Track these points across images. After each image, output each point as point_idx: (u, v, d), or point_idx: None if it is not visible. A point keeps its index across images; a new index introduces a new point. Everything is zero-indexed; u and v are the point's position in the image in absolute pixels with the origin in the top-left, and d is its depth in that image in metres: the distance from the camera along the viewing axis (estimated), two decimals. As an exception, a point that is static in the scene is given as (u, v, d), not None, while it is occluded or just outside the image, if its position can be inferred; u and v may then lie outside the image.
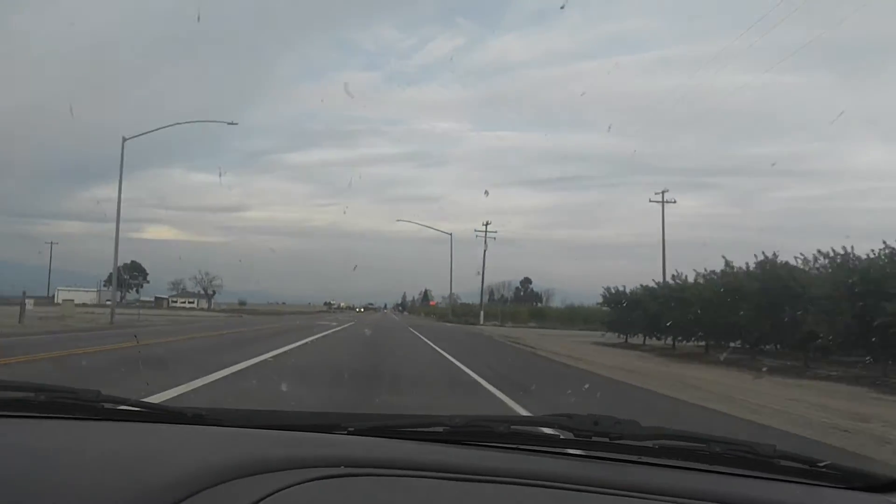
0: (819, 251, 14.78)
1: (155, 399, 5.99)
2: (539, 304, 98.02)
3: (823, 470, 1.27)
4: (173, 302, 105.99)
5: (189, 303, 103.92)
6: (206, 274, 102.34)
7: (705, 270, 20.11)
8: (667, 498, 1.12)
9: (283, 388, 7.80)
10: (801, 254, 15.73)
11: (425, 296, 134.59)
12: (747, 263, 17.51)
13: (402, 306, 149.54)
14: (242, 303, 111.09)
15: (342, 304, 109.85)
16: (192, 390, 7.15)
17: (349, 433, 1.36)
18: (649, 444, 1.29)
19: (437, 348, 17.94)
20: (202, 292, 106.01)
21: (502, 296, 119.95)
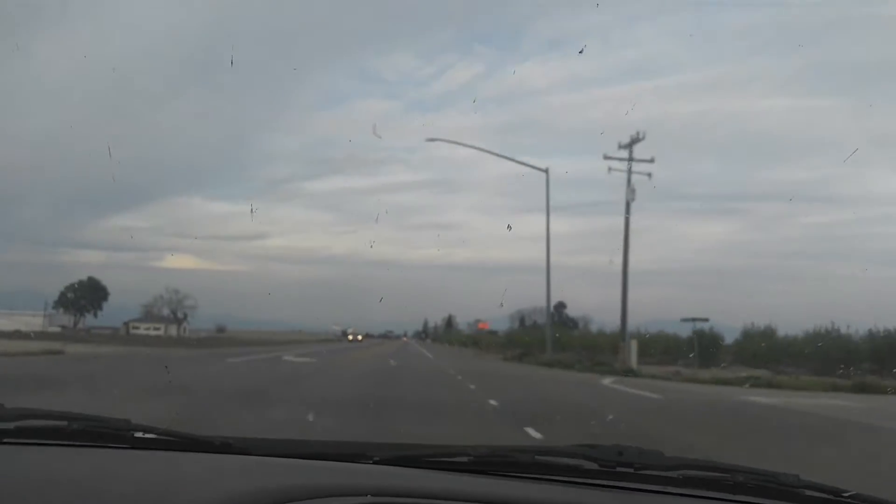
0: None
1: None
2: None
3: (847, 500, 1.32)
4: (135, 328, 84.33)
5: (155, 329, 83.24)
6: (176, 293, 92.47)
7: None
8: None
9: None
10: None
11: (449, 322, 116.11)
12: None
13: (425, 333, 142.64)
14: (221, 329, 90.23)
15: (349, 333, 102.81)
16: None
17: (374, 462, 1.45)
18: (673, 474, 1.37)
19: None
20: (172, 316, 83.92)
21: (535, 322, 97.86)
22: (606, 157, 31.76)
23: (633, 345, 30.64)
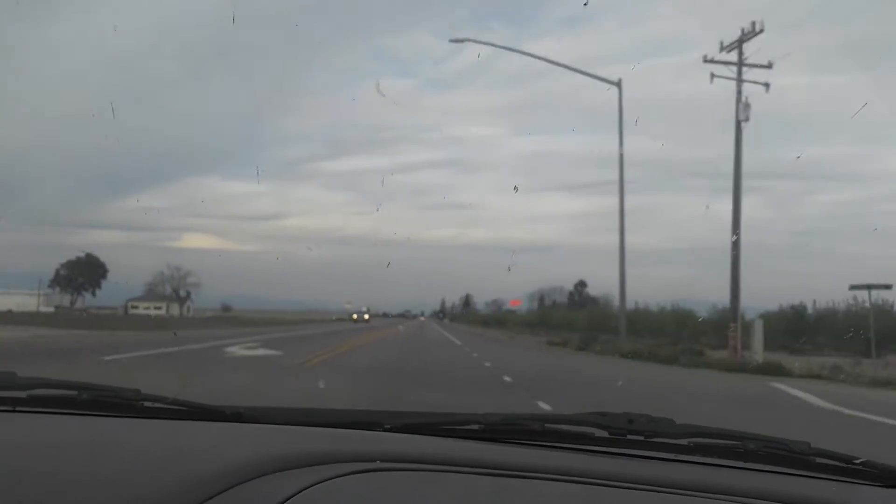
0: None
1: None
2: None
3: (859, 467, 1.33)
4: (133, 308, 79.75)
5: (156, 308, 78.49)
6: (178, 270, 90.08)
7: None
8: (701, 494, 1.20)
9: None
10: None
11: (467, 301, 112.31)
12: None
13: (443, 313, 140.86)
14: (226, 308, 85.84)
15: (357, 313, 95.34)
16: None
17: (385, 430, 1.48)
18: (684, 441, 1.38)
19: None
20: (174, 295, 79.10)
21: (554, 301, 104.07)
22: (707, 61, 22.48)
23: (759, 328, 21.51)
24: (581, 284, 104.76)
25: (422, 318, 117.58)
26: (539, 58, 29.33)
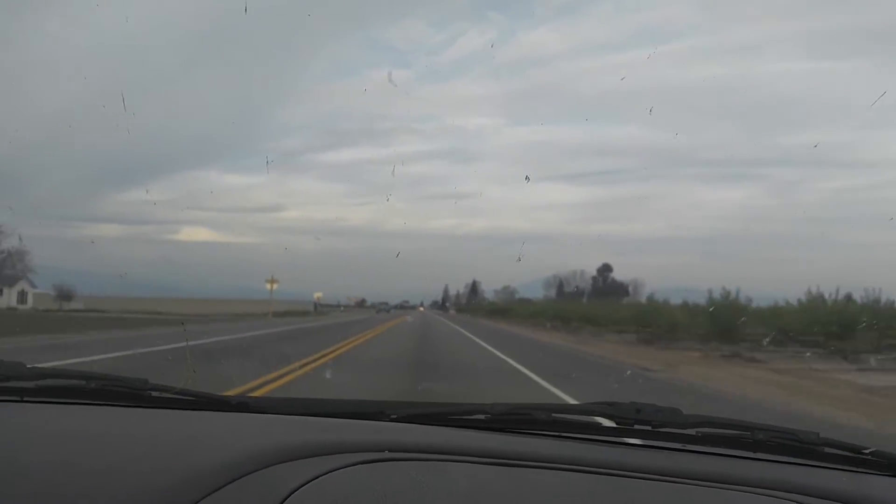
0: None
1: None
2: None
3: (868, 457, 1.33)
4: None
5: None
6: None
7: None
8: (710, 484, 1.20)
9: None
10: None
11: (473, 288, 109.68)
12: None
13: (445, 302, 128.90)
14: (65, 295, 71.13)
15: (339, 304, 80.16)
16: None
17: (392, 420, 1.49)
18: (692, 431, 1.38)
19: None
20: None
21: (576, 287, 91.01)
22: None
23: None
24: (606, 269, 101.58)
25: (421, 309, 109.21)
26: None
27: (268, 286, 51.69)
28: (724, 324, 24.81)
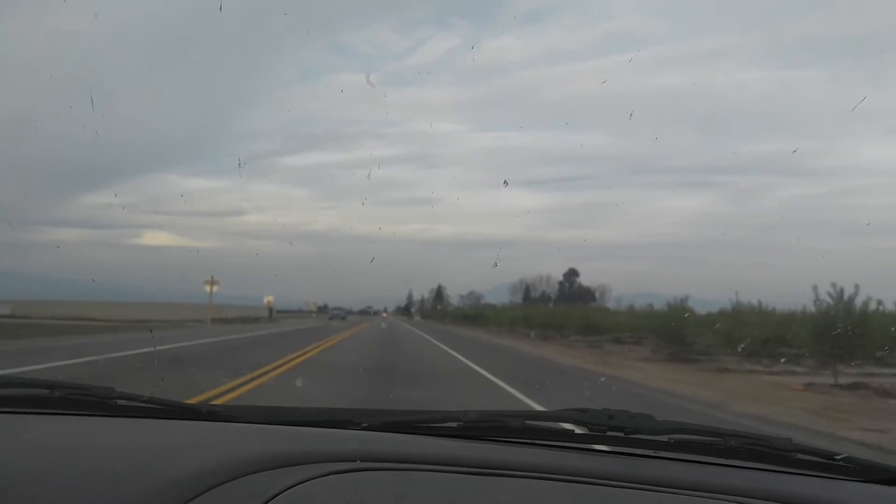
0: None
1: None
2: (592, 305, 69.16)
3: (840, 463, 1.34)
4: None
5: None
6: None
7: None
8: (683, 492, 1.20)
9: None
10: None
11: (439, 293, 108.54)
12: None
13: (409, 307, 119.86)
14: None
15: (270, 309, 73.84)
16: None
17: (363, 429, 1.47)
18: (664, 438, 1.38)
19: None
20: None
21: (543, 293, 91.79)
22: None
23: None
24: (572, 274, 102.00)
25: (384, 315, 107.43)
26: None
27: (206, 288, 42.43)
28: (672, 329, 25.14)
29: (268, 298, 62.37)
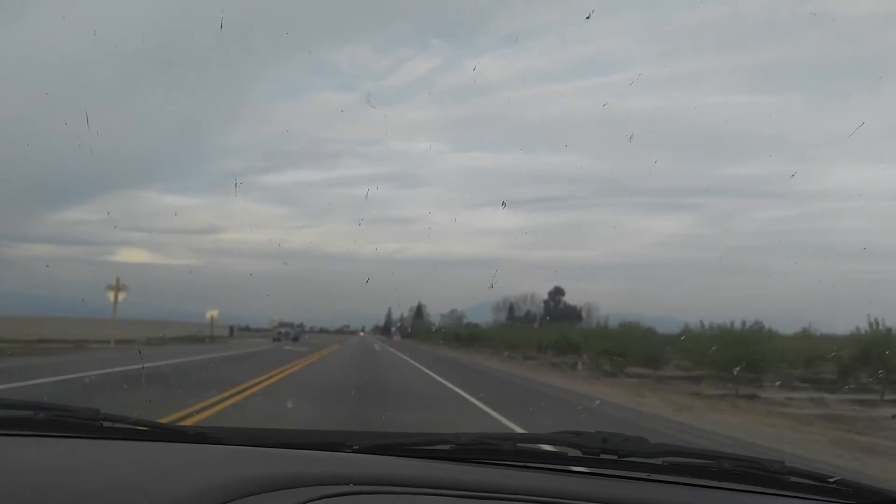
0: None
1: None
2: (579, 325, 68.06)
3: (833, 486, 1.34)
4: None
5: None
6: None
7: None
8: None
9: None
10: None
11: (419, 311, 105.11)
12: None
13: (390, 326, 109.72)
14: None
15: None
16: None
17: (354, 451, 1.46)
18: (658, 461, 1.38)
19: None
20: None
21: (528, 311, 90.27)
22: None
23: None
24: (558, 292, 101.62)
25: (361, 334, 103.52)
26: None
27: (110, 296, 28.56)
28: (646, 350, 25.02)
29: (211, 313, 47.13)
